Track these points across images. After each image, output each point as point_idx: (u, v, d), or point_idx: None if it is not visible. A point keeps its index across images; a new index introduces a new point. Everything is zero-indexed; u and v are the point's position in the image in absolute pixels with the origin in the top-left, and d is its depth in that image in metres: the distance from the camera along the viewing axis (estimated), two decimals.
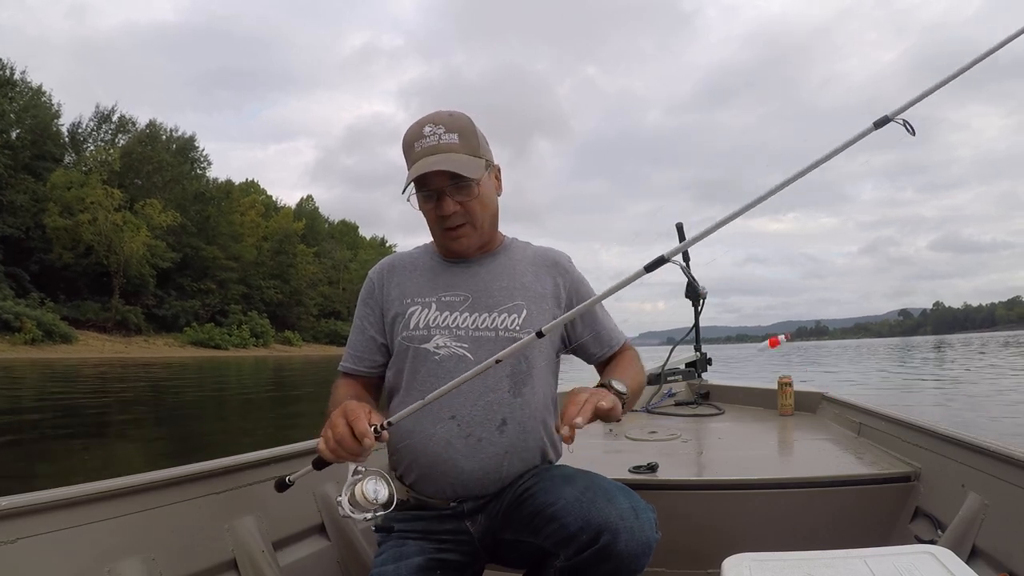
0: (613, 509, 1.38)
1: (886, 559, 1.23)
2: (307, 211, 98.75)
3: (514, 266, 1.75)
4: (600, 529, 1.35)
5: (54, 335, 51.47)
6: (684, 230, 4.02)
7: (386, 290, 1.74)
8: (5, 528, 1.33)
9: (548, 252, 1.83)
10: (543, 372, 1.71)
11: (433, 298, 1.67)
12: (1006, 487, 1.69)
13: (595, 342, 1.80)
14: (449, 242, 1.67)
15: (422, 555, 1.56)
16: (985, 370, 22.61)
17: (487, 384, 1.60)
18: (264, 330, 74.72)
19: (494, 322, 1.65)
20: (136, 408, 14.78)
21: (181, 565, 1.62)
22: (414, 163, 1.59)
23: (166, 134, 74.70)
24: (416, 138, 1.61)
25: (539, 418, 1.68)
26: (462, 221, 1.63)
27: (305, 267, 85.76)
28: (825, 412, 3.30)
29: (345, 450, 1.35)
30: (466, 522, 1.63)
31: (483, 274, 1.71)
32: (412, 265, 1.76)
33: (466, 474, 1.59)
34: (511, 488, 1.60)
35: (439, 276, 1.72)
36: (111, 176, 63.99)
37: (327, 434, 1.37)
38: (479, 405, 1.60)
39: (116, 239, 60.62)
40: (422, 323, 1.65)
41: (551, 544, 1.45)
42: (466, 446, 1.58)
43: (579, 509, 1.40)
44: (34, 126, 61.41)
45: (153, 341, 63.39)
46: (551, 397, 1.75)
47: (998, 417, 10.55)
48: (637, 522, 1.38)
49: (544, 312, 1.69)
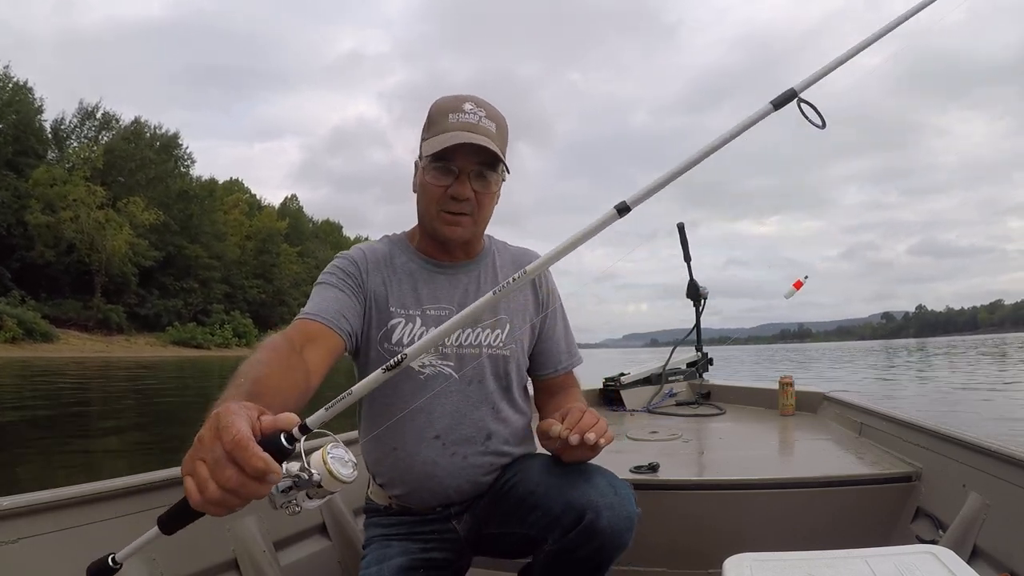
0: (592, 488, 1.40)
1: (887, 559, 1.23)
2: (291, 210, 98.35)
3: (496, 274, 1.70)
4: (583, 508, 1.36)
5: (35, 334, 50.84)
6: (684, 230, 4.04)
7: (370, 280, 1.59)
8: (5, 528, 1.32)
9: (527, 255, 1.79)
10: (521, 382, 1.71)
11: (417, 311, 1.58)
12: (1007, 487, 1.70)
13: (554, 357, 1.75)
14: (444, 226, 1.55)
15: (406, 555, 1.57)
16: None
17: (470, 402, 1.59)
18: (247, 330, 74.16)
19: (479, 338, 1.61)
20: (117, 409, 14.64)
21: (182, 565, 1.61)
22: (446, 132, 1.48)
23: (150, 131, 74.22)
24: (453, 109, 1.52)
25: (520, 424, 1.69)
26: (468, 210, 1.54)
27: (288, 267, 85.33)
28: (826, 412, 3.31)
29: (241, 499, 0.86)
30: (453, 522, 1.63)
31: (467, 284, 1.65)
32: (390, 265, 1.63)
33: (452, 489, 1.59)
34: (492, 486, 1.61)
35: (422, 284, 1.62)
36: (94, 173, 63.47)
37: (200, 476, 0.85)
38: (464, 424, 1.58)
39: (98, 237, 60.09)
40: (405, 339, 1.57)
41: (537, 530, 1.46)
42: (451, 464, 1.57)
43: (560, 492, 1.42)
44: (17, 121, 60.83)
45: (135, 340, 62.80)
46: (528, 401, 1.76)
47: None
48: (617, 498, 1.39)
49: (524, 323, 1.68)
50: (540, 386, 1.78)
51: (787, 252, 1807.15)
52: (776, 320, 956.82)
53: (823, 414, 3.34)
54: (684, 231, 4.04)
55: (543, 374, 1.76)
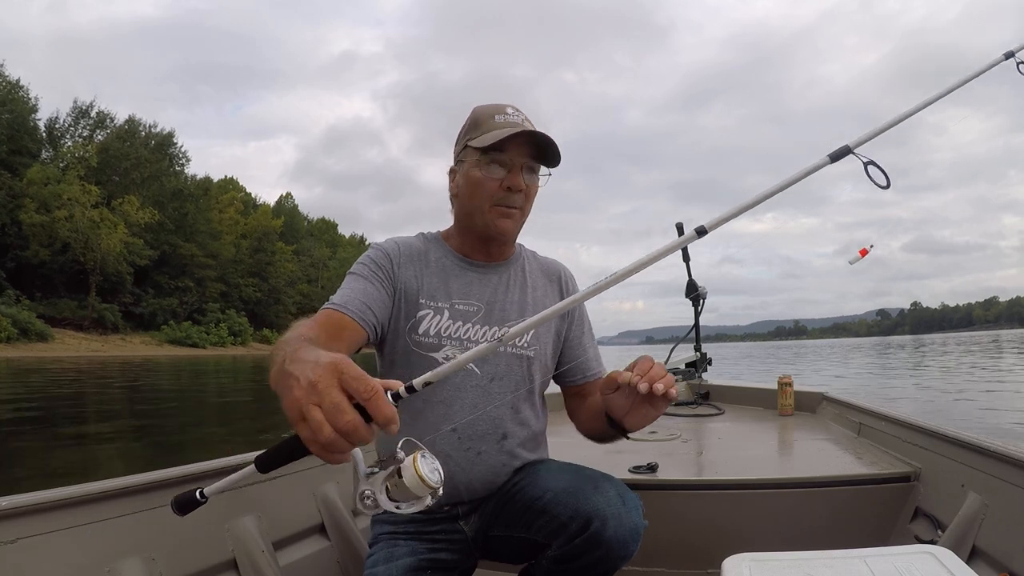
0: (601, 497, 1.41)
1: (886, 559, 1.23)
2: (286, 209, 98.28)
3: (526, 278, 1.75)
4: (589, 517, 1.38)
5: (30, 333, 50.81)
6: (684, 229, 4.02)
7: (402, 273, 1.63)
8: (5, 528, 1.33)
9: (555, 265, 1.85)
10: (541, 388, 1.73)
11: (446, 304, 1.62)
12: (1006, 487, 1.70)
13: (582, 367, 1.79)
14: (497, 219, 1.60)
15: (413, 555, 1.57)
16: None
17: (490, 398, 1.61)
18: (242, 328, 74.26)
19: None
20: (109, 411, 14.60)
21: (181, 565, 1.62)
22: (496, 129, 1.56)
23: (144, 130, 74.21)
24: (497, 112, 1.61)
25: (535, 428, 1.71)
26: (519, 203, 1.61)
27: (284, 265, 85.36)
28: (825, 412, 3.32)
29: (352, 444, 0.89)
30: (459, 522, 1.64)
31: (496, 284, 1.70)
32: (424, 259, 1.67)
33: (462, 485, 1.60)
34: (501, 488, 1.62)
35: (454, 279, 1.66)
36: (88, 172, 63.39)
37: (315, 419, 0.87)
38: (482, 419, 1.60)
39: (93, 236, 60.02)
40: (432, 330, 1.60)
41: (543, 536, 1.47)
42: (464, 459, 1.59)
43: (568, 499, 1.43)
44: (11, 120, 60.72)
45: (130, 339, 62.78)
46: (544, 408, 1.77)
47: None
48: (624, 508, 1.40)
49: (549, 328, 1.72)
50: (573, 392, 1.81)
51: (782, 249, 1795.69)
52: (772, 317, 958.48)
53: (822, 414, 3.34)
54: (683, 230, 4.03)
55: (576, 380, 1.78)
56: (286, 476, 2.01)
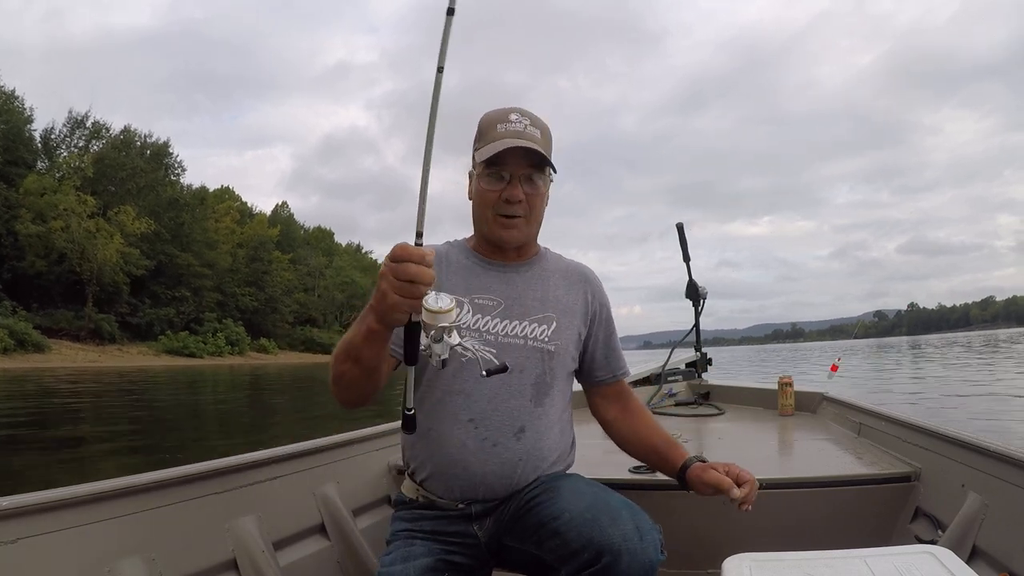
0: (617, 530, 1.35)
1: (886, 559, 1.23)
2: (282, 218, 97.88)
3: (548, 277, 1.78)
4: (602, 550, 1.32)
5: (27, 344, 50.58)
6: (683, 230, 4.02)
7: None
8: (5, 528, 1.33)
9: (580, 267, 1.87)
10: (563, 385, 1.74)
11: (466, 298, 1.66)
12: (1006, 487, 1.70)
13: (605, 365, 1.85)
14: (501, 229, 1.66)
15: (431, 556, 1.57)
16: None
17: (510, 390, 1.62)
18: (239, 338, 73.96)
19: (524, 330, 1.67)
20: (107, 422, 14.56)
21: (181, 565, 1.63)
22: (496, 141, 1.60)
23: (140, 140, 73.77)
24: (501, 120, 1.64)
25: (556, 428, 1.70)
26: (521, 212, 1.65)
27: (280, 274, 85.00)
28: (825, 412, 3.31)
29: (421, 284, 1.21)
30: (473, 525, 1.63)
31: (518, 281, 1.73)
32: (446, 260, 1.73)
33: (477, 477, 1.59)
34: (519, 495, 1.60)
35: (474, 277, 1.72)
36: (84, 182, 63.08)
37: (382, 289, 1.23)
38: (500, 411, 1.61)
39: (89, 246, 59.73)
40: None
41: (553, 558, 1.44)
42: (480, 449, 1.59)
43: (582, 527, 1.37)
44: (6, 131, 60.48)
45: (127, 350, 62.52)
46: (568, 410, 1.78)
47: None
48: (640, 544, 1.34)
49: (572, 327, 1.74)
50: (597, 390, 1.88)
51: (779, 252, 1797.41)
52: (769, 320, 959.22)
53: (822, 414, 3.34)
54: (683, 231, 4.02)
55: (602, 378, 1.85)
56: (286, 476, 2.02)
